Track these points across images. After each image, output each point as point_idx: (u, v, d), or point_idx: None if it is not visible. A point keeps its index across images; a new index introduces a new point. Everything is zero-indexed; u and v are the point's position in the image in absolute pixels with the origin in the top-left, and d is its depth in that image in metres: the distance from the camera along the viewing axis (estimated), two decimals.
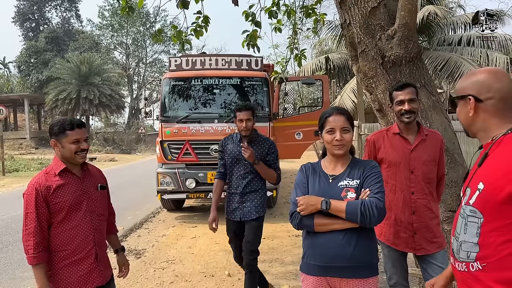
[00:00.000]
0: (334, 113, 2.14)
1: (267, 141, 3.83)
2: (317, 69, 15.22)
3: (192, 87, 7.84)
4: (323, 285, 2.07)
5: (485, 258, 1.34)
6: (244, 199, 3.70)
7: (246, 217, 3.70)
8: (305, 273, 2.14)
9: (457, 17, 15.35)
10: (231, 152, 3.72)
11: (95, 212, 2.44)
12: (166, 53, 42.93)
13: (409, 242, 2.67)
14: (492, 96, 1.43)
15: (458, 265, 1.45)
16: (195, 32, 4.90)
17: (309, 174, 2.20)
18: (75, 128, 2.33)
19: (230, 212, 3.78)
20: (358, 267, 2.01)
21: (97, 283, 2.41)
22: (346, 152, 2.14)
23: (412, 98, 2.64)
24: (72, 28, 43.69)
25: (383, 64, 3.32)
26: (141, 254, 5.70)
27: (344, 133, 2.09)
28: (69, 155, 2.34)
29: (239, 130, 3.70)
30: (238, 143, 3.70)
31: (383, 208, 1.98)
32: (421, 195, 2.66)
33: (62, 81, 31.70)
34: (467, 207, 1.41)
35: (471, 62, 12.89)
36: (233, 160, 3.71)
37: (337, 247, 2.00)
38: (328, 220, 2.02)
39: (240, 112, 3.66)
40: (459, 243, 1.44)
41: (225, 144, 3.80)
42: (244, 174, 3.69)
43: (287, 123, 8.19)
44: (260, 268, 4.97)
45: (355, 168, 2.13)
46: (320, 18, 5.84)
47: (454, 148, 3.29)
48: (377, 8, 3.32)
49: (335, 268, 2.02)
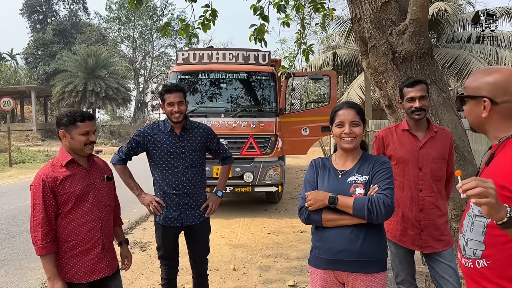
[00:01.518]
0: (344, 107, 2.15)
1: (202, 126, 3.25)
2: (324, 65, 15.12)
3: (199, 81, 7.83)
4: (330, 279, 2.08)
5: (490, 256, 1.36)
6: (187, 200, 3.12)
7: (190, 222, 3.14)
8: (313, 266, 2.15)
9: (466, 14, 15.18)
10: (163, 145, 3.07)
11: (102, 202, 2.46)
12: (172, 47, 42.96)
13: (416, 239, 2.65)
14: (508, 100, 1.41)
15: (465, 261, 1.46)
16: (202, 25, 4.88)
17: (319, 169, 2.20)
18: (85, 120, 2.37)
19: (166, 217, 3.13)
20: (365, 262, 2.00)
21: (104, 273, 2.44)
22: (355, 147, 2.12)
23: (423, 96, 2.61)
24: (80, 21, 43.72)
25: (394, 59, 3.28)
26: (146, 247, 5.72)
27: (353, 126, 2.08)
28: (78, 147, 2.36)
29: (169, 115, 3.04)
30: (170, 134, 3.09)
31: (390, 204, 1.96)
32: (429, 193, 2.63)
33: (69, 74, 31.78)
34: (476, 207, 1.40)
35: (480, 60, 12.74)
36: (168, 154, 3.07)
37: (344, 242, 2.01)
38: (336, 215, 2.02)
39: (170, 94, 3.02)
40: (465, 241, 1.46)
41: (149, 134, 3.11)
42: (184, 170, 3.08)
43: (293, 119, 8.16)
44: (265, 264, 4.98)
45: (365, 164, 2.11)
46: (329, 13, 5.79)
47: (464, 145, 3.25)
48: (389, 3, 3.28)
49: (343, 263, 2.02)
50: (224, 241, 5.92)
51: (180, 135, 3.11)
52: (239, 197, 9.35)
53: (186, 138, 3.12)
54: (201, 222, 3.20)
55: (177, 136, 3.10)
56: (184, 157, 3.09)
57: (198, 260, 3.33)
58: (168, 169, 3.09)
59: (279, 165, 7.60)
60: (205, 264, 3.38)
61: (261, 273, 4.65)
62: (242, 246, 5.70)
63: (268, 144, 7.48)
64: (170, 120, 3.09)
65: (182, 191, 3.09)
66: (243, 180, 7.35)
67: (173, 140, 3.09)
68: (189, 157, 3.10)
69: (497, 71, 1.46)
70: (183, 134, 3.12)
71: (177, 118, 3.03)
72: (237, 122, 7.40)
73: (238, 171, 7.31)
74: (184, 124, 3.11)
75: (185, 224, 3.13)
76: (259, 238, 6.11)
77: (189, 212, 3.13)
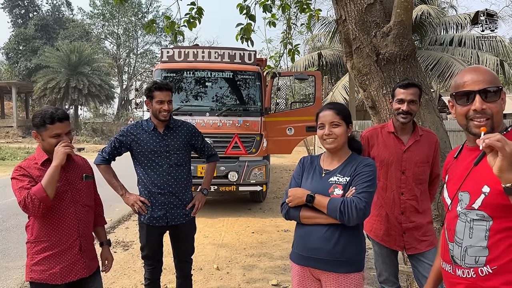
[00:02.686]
0: (325, 108, 2.17)
1: (186, 124, 3.24)
2: (310, 65, 15.19)
3: (184, 79, 7.78)
4: (306, 274, 2.13)
5: (494, 261, 1.32)
6: (172, 199, 3.10)
7: (175, 221, 3.12)
8: (292, 261, 2.20)
9: (449, 17, 15.44)
10: (146, 144, 3.04)
11: (80, 202, 2.40)
12: (157, 44, 42.57)
13: (399, 240, 2.69)
14: None
15: (463, 272, 1.39)
16: (188, 23, 4.84)
17: (305, 167, 2.23)
18: (55, 122, 2.25)
19: (151, 217, 3.10)
20: (337, 261, 2.02)
21: (81, 275, 2.38)
22: (338, 147, 2.13)
23: (412, 100, 2.61)
24: (63, 16, 42.95)
25: (378, 61, 3.31)
26: (129, 246, 5.67)
27: (333, 127, 2.10)
28: (48, 149, 2.29)
29: (156, 113, 3.01)
30: (153, 133, 3.06)
31: (363, 208, 1.95)
32: (410, 196, 2.65)
33: (51, 70, 31.25)
34: (471, 212, 1.38)
35: (461, 63, 12.99)
36: (152, 153, 3.04)
37: (318, 240, 2.04)
38: (313, 213, 2.05)
39: (160, 92, 3.00)
40: (463, 249, 1.39)
41: (132, 134, 3.08)
42: (169, 169, 3.06)
43: (278, 118, 8.18)
44: (249, 263, 4.98)
45: (349, 165, 2.12)
46: (315, 13, 5.82)
47: (445, 147, 3.30)
48: (373, 5, 3.30)
49: (315, 260, 2.06)
50: (208, 241, 5.91)
51: (164, 134, 3.08)
52: (223, 196, 9.33)
53: (169, 136, 3.09)
54: (186, 222, 3.18)
55: (160, 135, 3.07)
56: (169, 156, 3.06)
57: (183, 260, 3.30)
58: (152, 168, 3.06)
59: (264, 164, 7.61)
60: (190, 263, 3.37)
61: (244, 273, 4.66)
62: (226, 246, 5.70)
63: (253, 143, 7.49)
64: (156, 118, 3.06)
65: (167, 190, 3.06)
66: (227, 179, 7.34)
67: (156, 139, 3.06)
68: (173, 155, 3.08)
69: (482, 67, 1.49)
70: (167, 133, 3.09)
71: (165, 117, 3.02)
72: (222, 121, 7.38)
73: (223, 170, 7.30)
74: (167, 123, 3.09)
75: (171, 223, 3.10)
76: (243, 238, 6.11)
77: (174, 211, 3.10)
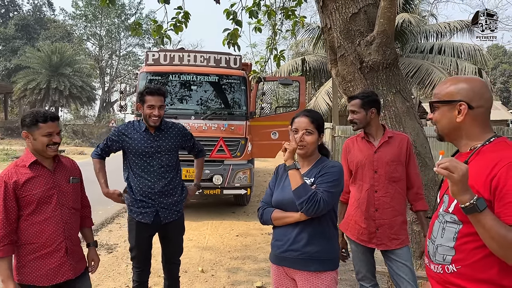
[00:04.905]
0: (301, 115, 2.26)
1: (177, 125, 3.28)
2: (294, 70, 15.37)
3: (170, 83, 7.80)
4: (281, 273, 2.23)
5: (460, 261, 1.43)
6: (162, 198, 3.13)
7: (167, 219, 3.17)
8: (271, 261, 2.30)
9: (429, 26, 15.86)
10: (137, 144, 3.08)
11: (66, 205, 2.43)
12: (140, 46, 42.22)
13: (372, 237, 2.81)
14: (482, 105, 1.48)
15: (434, 266, 1.52)
16: (174, 27, 4.89)
17: (279, 174, 2.33)
18: (48, 121, 2.32)
19: (141, 213, 3.13)
20: (308, 260, 2.11)
21: (67, 277, 2.41)
22: (306, 154, 2.23)
23: (353, 110, 2.85)
24: (44, 17, 42.24)
25: (361, 69, 3.43)
26: (112, 249, 5.64)
27: (306, 134, 2.19)
28: (40, 148, 2.32)
29: (147, 117, 3.04)
30: (144, 133, 3.11)
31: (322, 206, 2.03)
32: (383, 193, 2.78)
33: (31, 70, 30.65)
34: (447, 214, 1.48)
35: (441, 70, 13.34)
36: (143, 154, 3.09)
37: (289, 241, 2.14)
38: (282, 214, 2.16)
39: (151, 96, 3.01)
40: (435, 246, 1.52)
41: (124, 134, 3.14)
42: (160, 169, 3.10)
43: (263, 123, 8.27)
44: (233, 265, 5.03)
45: (315, 167, 2.22)
46: (300, 20, 5.93)
47: (425, 152, 3.43)
48: (358, 14, 3.42)
49: (287, 259, 2.16)
50: (192, 244, 5.93)
51: (155, 135, 3.13)
52: (208, 200, 9.35)
53: (161, 138, 3.14)
54: (175, 220, 3.24)
55: (152, 136, 3.12)
56: (160, 157, 3.11)
57: (171, 261, 3.34)
58: (144, 168, 3.10)
59: (248, 168, 7.67)
60: (178, 265, 3.40)
61: (229, 275, 4.70)
62: (210, 248, 5.73)
63: (238, 147, 7.55)
64: (146, 122, 3.11)
65: (158, 189, 3.10)
66: (212, 183, 7.38)
67: (148, 140, 3.10)
68: (164, 156, 3.13)
69: (471, 78, 1.54)
70: (158, 134, 3.14)
71: (155, 122, 3.05)
72: (208, 124, 7.42)
73: (208, 173, 7.33)
74: (159, 125, 3.13)
75: (163, 221, 3.15)
76: (227, 241, 6.15)
77: (165, 210, 3.15)
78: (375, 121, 2.84)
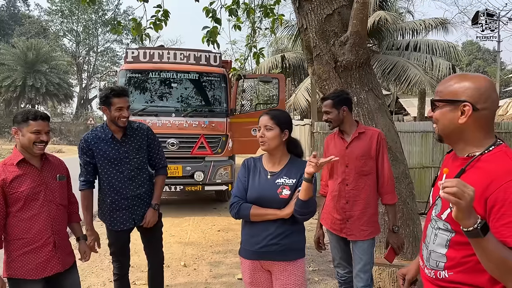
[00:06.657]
0: (263, 114, 2.41)
1: (143, 126, 3.25)
2: (273, 67, 15.49)
3: (150, 80, 7.82)
4: (257, 267, 2.37)
5: (451, 268, 1.42)
6: (135, 201, 3.15)
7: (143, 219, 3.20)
8: (242, 257, 2.42)
9: (405, 23, 16.16)
10: (105, 153, 3.06)
11: (54, 202, 2.52)
12: (118, 42, 41.70)
13: (343, 228, 2.97)
14: (488, 107, 1.38)
15: (428, 271, 1.51)
16: (154, 25, 4.95)
17: (250, 169, 2.42)
18: (38, 119, 2.42)
19: (116, 221, 3.15)
20: (287, 251, 2.29)
21: (56, 270, 2.51)
22: (269, 149, 2.35)
23: (326, 111, 2.99)
24: (18, 12, 41.30)
25: (336, 68, 3.58)
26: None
27: (266, 130, 2.33)
28: (27, 144, 2.41)
29: (116, 120, 3.00)
30: (111, 141, 3.07)
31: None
32: (353, 186, 2.94)
33: (6, 67, 30.00)
34: (440, 221, 1.46)
35: (416, 67, 13.67)
36: (112, 161, 3.07)
37: (270, 236, 2.28)
38: (262, 211, 2.28)
39: (119, 98, 2.99)
40: (428, 252, 1.51)
41: (91, 148, 3.07)
42: (130, 174, 3.10)
43: (244, 119, 8.38)
44: (215, 259, 5.14)
45: (292, 168, 2.36)
46: (279, 18, 6.05)
47: (396, 147, 3.62)
48: (332, 16, 3.57)
49: (268, 253, 2.30)
50: (174, 239, 6.01)
51: (122, 140, 3.12)
52: (189, 196, 9.43)
53: (127, 142, 3.13)
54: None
55: (118, 142, 3.10)
56: (129, 161, 3.11)
57: (154, 249, 3.41)
58: (114, 175, 3.09)
59: (229, 164, 7.80)
60: (161, 252, 3.48)
61: (211, 268, 4.82)
62: (193, 244, 5.83)
63: (219, 143, 7.65)
64: (115, 125, 3.05)
65: (130, 194, 3.12)
66: (193, 179, 7.47)
67: (115, 147, 3.09)
68: (133, 160, 3.13)
69: (478, 76, 1.42)
70: (125, 139, 3.12)
71: (124, 123, 3.05)
72: (188, 121, 7.49)
73: (189, 170, 7.41)
74: (125, 131, 3.11)
75: (138, 223, 3.21)
76: (209, 236, 6.26)
77: (139, 212, 3.20)
78: (347, 119, 2.98)
